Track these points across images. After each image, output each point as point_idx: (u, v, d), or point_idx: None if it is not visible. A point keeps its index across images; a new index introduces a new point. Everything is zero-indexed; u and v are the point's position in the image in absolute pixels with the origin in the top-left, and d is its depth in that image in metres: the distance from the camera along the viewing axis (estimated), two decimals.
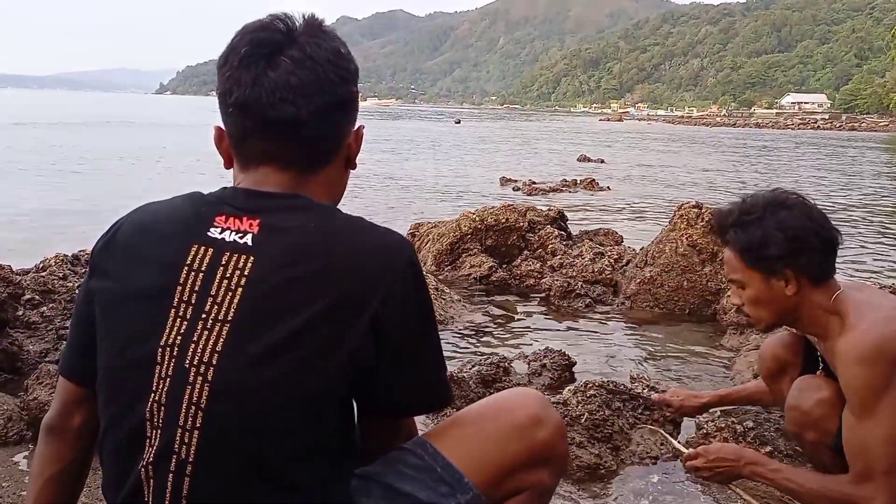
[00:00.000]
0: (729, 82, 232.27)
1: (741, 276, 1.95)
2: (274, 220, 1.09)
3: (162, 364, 1.04)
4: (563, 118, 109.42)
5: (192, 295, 1.06)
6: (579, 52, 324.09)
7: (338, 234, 1.10)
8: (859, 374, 1.78)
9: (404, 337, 1.11)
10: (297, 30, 1.13)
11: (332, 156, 1.20)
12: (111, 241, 1.16)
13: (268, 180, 1.14)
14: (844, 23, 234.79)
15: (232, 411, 1.03)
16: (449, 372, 3.42)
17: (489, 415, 1.28)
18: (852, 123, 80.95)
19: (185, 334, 1.04)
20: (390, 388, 1.13)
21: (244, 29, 1.15)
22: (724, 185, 15.79)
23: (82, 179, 13.08)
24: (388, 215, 9.78)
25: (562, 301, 5.14)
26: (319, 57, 1.12)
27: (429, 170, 17.57)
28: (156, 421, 1.04)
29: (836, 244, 1.93)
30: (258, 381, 1.03)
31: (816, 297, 1.91)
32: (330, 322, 1.04)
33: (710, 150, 31.47)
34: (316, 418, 1.06)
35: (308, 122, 1.12)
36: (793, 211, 1.89)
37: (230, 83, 1.11)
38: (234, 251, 1.07)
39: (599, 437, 2.77)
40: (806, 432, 1.97)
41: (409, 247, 1.15)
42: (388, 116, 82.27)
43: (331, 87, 1.13)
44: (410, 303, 1.11)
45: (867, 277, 6.30)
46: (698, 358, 4.06)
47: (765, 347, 2.31)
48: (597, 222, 8.80)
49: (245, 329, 1.04)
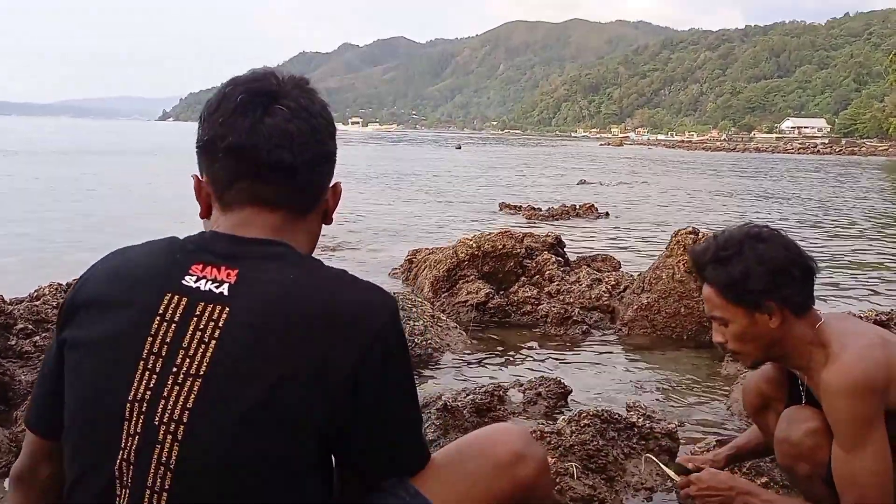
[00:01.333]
0: (728, 107, 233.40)
1: (724, 312, 1.92)
2: (253, 270, 1.07)
3: (131, 420, 1.01)
4: (563, 143, 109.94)
5: (164, 347, 1.02)
6: (579, 78, 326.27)
7: (319, 288, 1.08)
8: (845, 406, 1.77)
9: (383, 398, 1.08)
10: (286, 83, 1.16)
11: (315, 205, 1.21)
12: (82, 289, 1.14)
13: (253, 220, 1.14)
14: (843, 48, 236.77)
15: (202, 473, 0.99)
16: (443, 401, 3.40)
17: (471, 452, 1.25)
18: (852, 148, 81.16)
19: (155, 389, 1.01)
20: (366, 450, 1.11)
21: (235, 81, 1.16)
22: (722, 210, 15.80)
23: (82, 207, 13.11)
24: (387, 240, 9.79)
25: (558, 328, 5.12)
26: (313, 109, 1.16)
27: (428, 194, 17.61)
28: (125, 480, 1.01)
29: (814, 273, 1.92)
30: (230, 442, 0.99)
31: (799, 329, 1.90)
32: (307, 382, 1.01)
33: (710, 175, 31.56)
34: (291, 479, 1.03)
35: (301, 170, 1.14)
36: (770, 243, 1.89)
37: (223, 129, 1.11)
38: (209, 301, 1.04)
39: (594, 467, 2.74)
40: (798, 465, 1.94)
41: (392, 304, 1.13)
42: (389, 141, 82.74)
43: (322, 138, 1.17)
44: (391, 364, 1.09)
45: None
46: (696, 386, 4.03)
47: (748, 383, 2.28)
48: (595, 248, 8.80)
49: (218, 385, 1.00)
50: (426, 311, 4.83)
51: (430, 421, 3.28)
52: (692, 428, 3.42)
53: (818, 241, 10.58)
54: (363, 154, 45.59)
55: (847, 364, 1.78)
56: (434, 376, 4.14)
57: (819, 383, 1.84)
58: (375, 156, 43.68)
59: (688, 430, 3.37)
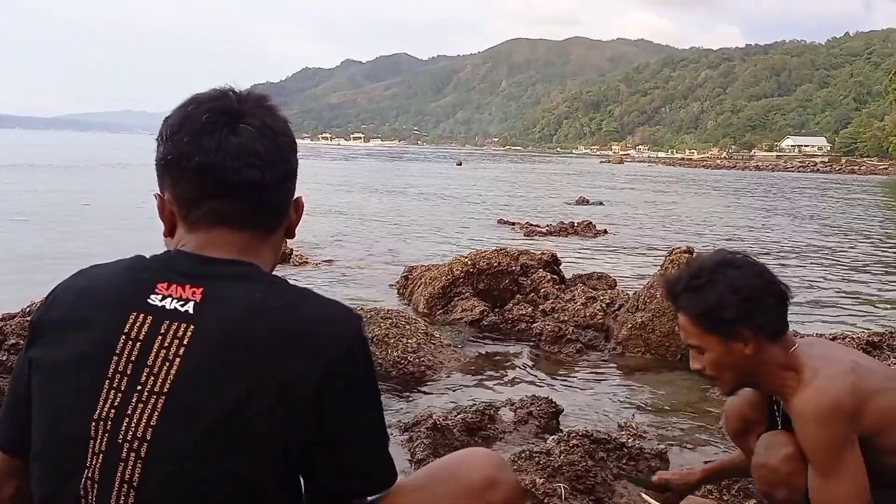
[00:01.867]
0: (729, 125, 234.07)
1: (699, 341, 1.93)
2: (218, 289, 1.08)
3: (95, 439, 1.01)
4: (564, 160, 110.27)
5: (129, 365, 1.02)
6: (580, 95, 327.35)
7: (284, 307, 1.08)
8: (817, 433, 1.77)
9: (348, 416, 1.08)
10: (248, 101, 1.17)
11: (280, 222, 1.22)
12: (49, 309, 1.14)
13: (219, 241, 1.14)
14: (843, 67, 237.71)
15: (166, 491, 0.99)
16: (433, 419, 3.39)
17: (441, 478, 1.24)
18: (852, 166, 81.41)
19: (119, 407, 1.01)
20: (332, 468, 1.10)
21: (196, 99, 1.16)
22: (720, 228, 15.82)
23: (77, 223, 13.13)
24: (383, 256, 9.79)
25: (552, 346, 5.11)
26: (277, 127, 1.17)
27: (426, 210, 17.64)
28: (90, 499, 1.01)
29: (787, 298, 1.93)
30: (194, 459, 0.99)
31: (774, 354, 1.90)
32: (271, 399, 1.01)
33: (709, 193, 31.62)
34: (256, 498, 1.02)
35: (270, 187, 1.15)
36: (742, 270, 1.89)
37: (189, 148, 1.11)
38: (174, 319, 1.04)
39: (582, 488, 2.73)
40: (776, 490, 1.93)
41: (356, 323, 1.12)
42: (390, 157, 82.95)
43: (286, 156, 1.18)
44: (355, 381, 1.08)
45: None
46: (689, 406, 4.02)
47: (729, 406, 2.27)
48: (593, 265, 8.80)
49: (182, 402, 1.00)
50: (420, 328, 4.82)
51: (419, 440, 3.27)
52: (682, 449, 3.40)
53: (807, 264, 10.58)
54: (363, 169, 45.73)
55: (817, 391, 1.79)
56: (426, 394, 4.13)
57: (791, 409, 1.84)
58: (375, 171, 43.79)
59: (678, 450, 3.35)
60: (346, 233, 12.22)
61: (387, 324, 4.70)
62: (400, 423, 3.60)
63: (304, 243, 10.26)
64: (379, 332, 4.62)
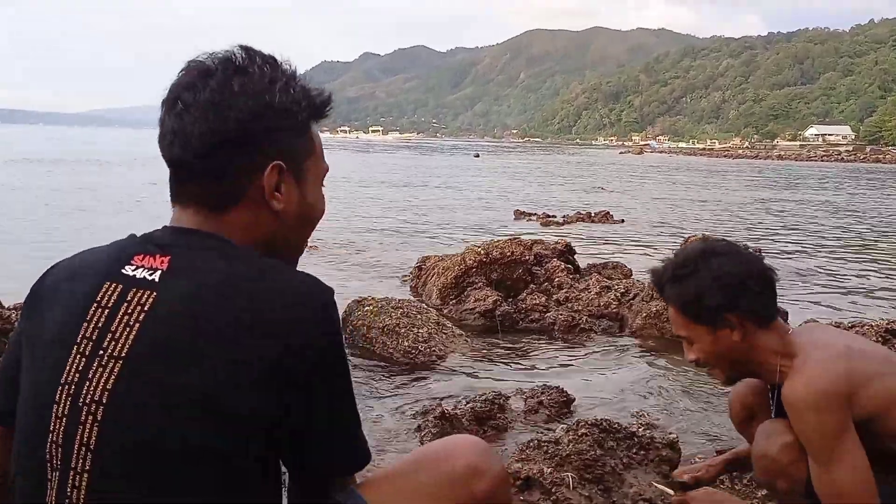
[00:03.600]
0: (751, 115, 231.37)
1: (688, 331, 1.93)
2: (184, 258, 1.07)
3: (60, 403, 1.01)
4: (583, 151, 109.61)
5: (95, 331, 1.03)
6: (600, 86, 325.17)
7: (249, 277, 1.06)
8: (810, 421, 1.73)
9: (311, 388, 1.04)
10: (204, 73, 1.12)
11: (238, 196, 1.13)
12: (41, 285, 1.16)
13: (182, 216, 1.14)
14: (867, 55, 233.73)
15: (119, 454, 0.98)
16: (442, 408, 3.36)
17: (425, 464, 1.22)
18: (877, 155, 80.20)
19: (83, 372, 1.01)
20: (298, 447, 1.07)
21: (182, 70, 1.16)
22: (739, 218, 15.64)
23: (87, 215, 13.24)
24: (399, 245, 9.78)
25: (566, 335, 5.07)
26: (218, 99, 1.10)
27: (442, 202, 17.60)
28: (54, 462, 1.00)
29: (774, 283, 1.90)
30: (148, 424, 0.98)
31: (765, 340, 1.87)
32: (229, 369, 0.99)
33: (729, 183, 31.28)
34: (215, 469, 0.99)
35: (194, 163, 1.11)
36: (724, 258, 1.88)
37: (159, 127, 1.15)
38: (140, 287, 1.04)
39: (590, 477, 2.68)
40: (777, 480, 1.88)
41: (324, 296, 1.08)
42: (408, 149, 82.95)
43: (224, 128, 1.10)
44: (321, 356, 1.05)
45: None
46: (702, 395, 3.96)
47: (733, 394, 2.24)
48: (609, 255, 8.72)
49: (138, 367, 0.99)
50: (431, 318, 4.80)
51: (427, 429, 3.24)
52: (695, 438, 3.35)
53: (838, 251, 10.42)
54: (381, 161, 45.78)
55: (807, 378, 1.76)
56: (436, 383, 4.10)
57: (783, 397, 1.80)
58: (393, 163, 43.81)
59: (690, 439, 3.30)
60: (360, 223, 12.22)
61: (398, 313, 4.68)
62: (409, 411, 3.58)
63: (317, 235, 10.28)
64: (390, 321, 4.60)
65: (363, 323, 4.66)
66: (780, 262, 8.16)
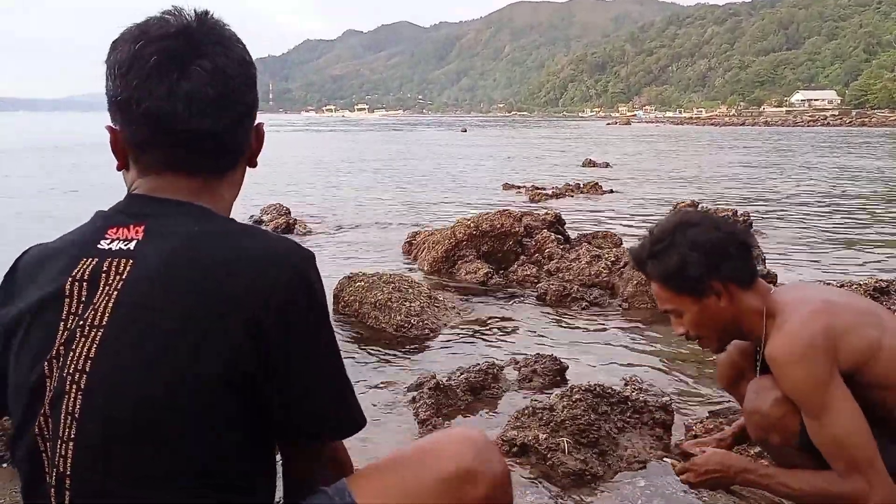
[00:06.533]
0: (737, 82, 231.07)
1: (674, 304, 1.96)
2: (159, 224, 1.07)
3: (50, 376, 1.02)
4: (570, 123, 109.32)
5: (79, 306, 1.03)
6: (585, 57, 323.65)
7: (224, 238, 1.06)
8: (797, 374, 1.76)
9: (290, 347, 1.03)
10: (202, 37, 1.10)
11: (238, 160, 1.19)
12: (15, 269, 1.15)
13: (171, 185, 1.11)
14: (852, 18, 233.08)
15: (103, 420, 0.98)
16: (436, 379, 3.38)
17: (415, 461, 1.15)
18: (862, 119, 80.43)
19: (66, 344, 1.02)
20: (286, 407, 1.06)
21: (146, 35, 1.09)
22: (727, 183, 15.67)
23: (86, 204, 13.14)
24: (388, 221, 9.74)
25: (558, 305, 5.08)
26: (230, 69, 1.10)
27: (431, 178, 17.55)
28: (45, 433, 1.01)
29: (751, 246, 1.94)
30: (130, 389, 0.98)
31: (749, 302, 1.91)
32: (202, 327, 0.99)
33: (716, 150, 31.31)
34: (198, 436, 0.99)
35: (223, 134, 1.12)
36: (700, 227, 1.91)
37: (138, 93, 1.07)
38: (116, 257, 1.05)
39: (585, 442, 2.71)
40: (769, 435, 1.90)
41: (302, 254, 1.08)
42: (394, 126, 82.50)
43: (241, 97, 1.13)
44: (297, 311, 1.04)
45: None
46: (694, 360, 3.99)
47: (721, 355, 2.25)
48: (599, 225, 8.73)
49: (118, 333, 1.00)
50: (422, 291, 4.80)
51: (422, 400, 3.26)
52: (688, 400, 3.38)
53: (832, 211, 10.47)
54: (366, 139, 45.52)
55: (787, 335, 1.79)
56: (430, 356, 4.12)
57: (767, 356, 1.83)
58: (380, 140, 43.60)
59: (683, 402, 3.34)
60: (349, 202, 12.17)
61: (389, 288, 4.68)
62: (404, 384, 3.59)
63: (309, 213, 10.24)
64: (381, 296, 4.61)
65: (354, 298, 4.66)
66: (780, 227, 8.22)
